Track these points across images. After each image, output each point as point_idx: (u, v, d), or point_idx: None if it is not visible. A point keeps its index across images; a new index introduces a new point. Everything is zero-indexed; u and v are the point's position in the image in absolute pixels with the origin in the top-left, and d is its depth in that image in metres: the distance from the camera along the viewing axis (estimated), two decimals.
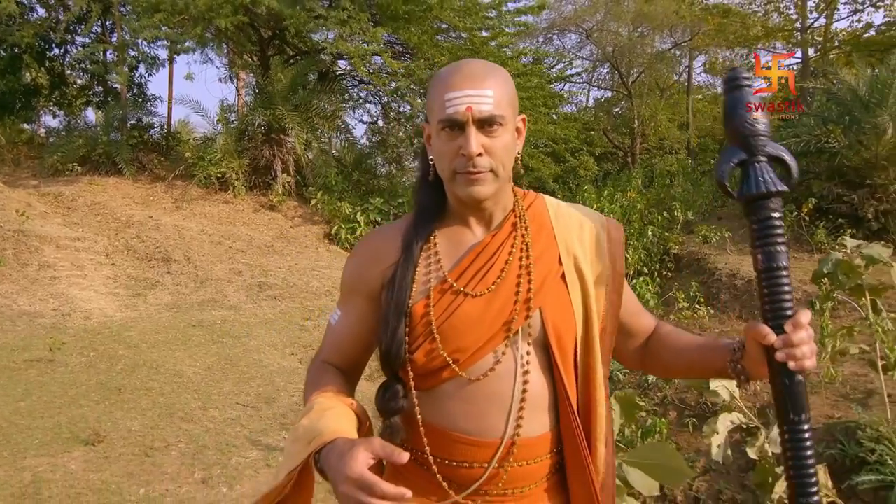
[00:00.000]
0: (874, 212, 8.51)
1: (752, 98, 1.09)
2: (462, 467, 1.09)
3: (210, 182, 9.68)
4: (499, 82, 1.08)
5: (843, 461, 3.87)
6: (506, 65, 10.54)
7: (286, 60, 11.85)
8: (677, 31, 19.50)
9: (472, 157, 1.05)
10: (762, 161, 1.08)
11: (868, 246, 4.20)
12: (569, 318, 1.14)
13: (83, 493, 2.67)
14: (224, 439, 3.30)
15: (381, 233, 1.22)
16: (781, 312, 1.04)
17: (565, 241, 1.17)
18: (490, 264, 1.12)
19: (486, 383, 1.09)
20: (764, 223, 1.07)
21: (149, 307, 6.15)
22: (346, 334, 1.19)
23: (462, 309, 1.09)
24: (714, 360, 1.16)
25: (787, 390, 1.03)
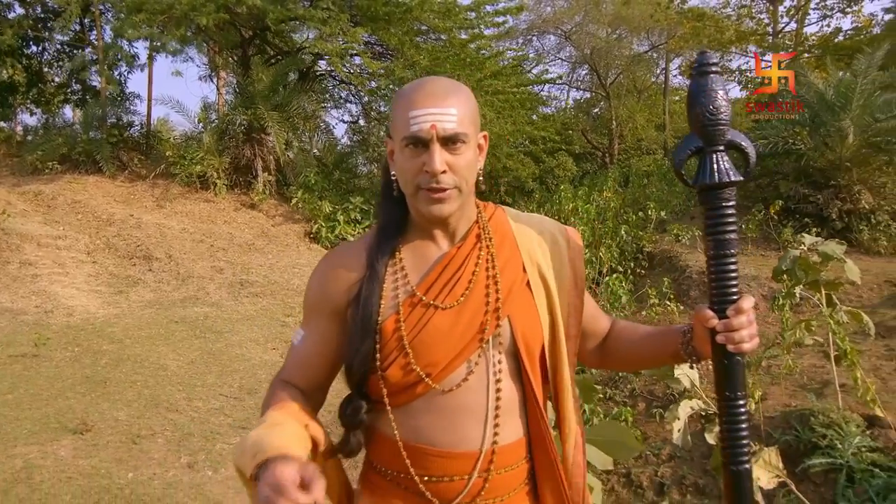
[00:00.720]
0: (838, 211, 8.82)
1: (718, 85, 1.08)
2: (442, 482, 1.08)
3: (191, 181, 9.75)
4: (461, 100, 1.09)
5: (797, 446, 4.11)
6: (484, 66, 10.73)
7: (267, 60, 11.92)
8: (654, 34, 19.83)
9: (437, 175, 1.05)
10: (719, 150, 1.09)
11: (824, 243, 4.47)
12: (535, 324, 1.16)
13: (74, 478, 2.80)
14: (208, 427, 3.45)
15: (343, 250, 1.21)
16: (726, 297, 1.08)
17: (527, 250, 1.19)
18: (458, 276, 1.12)
19: (459, 394, 1.09)
20: (716, 212, 1.09)
21: (131, 304, 6.24)
22: (311, 354, 1.17)
23: (433, 322, 1.09)
24: (667, 345, 1.21)
25: (725, 370, 1.09)
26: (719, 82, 1.09)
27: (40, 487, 2.73)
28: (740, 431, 1.11)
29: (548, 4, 20.36)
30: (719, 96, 1.06)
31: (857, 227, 8.68)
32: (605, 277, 7.47)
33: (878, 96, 8.94)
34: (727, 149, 1.09)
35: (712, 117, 1.06)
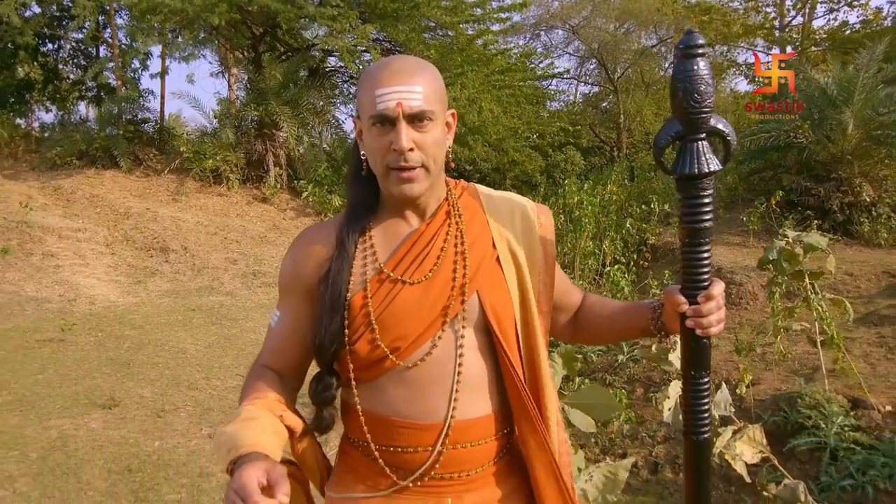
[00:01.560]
0: (839, 204, 8.94)
1: (704, 69, 1.02)
2: (406, 452, 1.10)
3: (205, 175, 10.02)
4: (427, 78, 1.09)
5: (784, 427, 4.31)
6: (492, 62, 10.92)
7: (278, 57, 12.15)
8: (662, 28, 19.84)
9: (404, 152, 1.06)
10: (700, 138, 1.06)
11: (807, 235, 4.68)
12: (506, 299, 1.16)
13: (105, 446, 3.05)
14: (227, 403, 3.69)
15: (315, 230, 1.21)
16: (697, 284, 1.09)
17: (497, 226, 1.20)
18: (426, 252, 1.13)
19: (425, 368, 1.09)
20: (692, 201, 1.08)
21: (149, 293, 6.50)
22: (285, 335, 1.18)
23: (400, 297, 1.10)
24: (638, 320, 1.23)
25: (691, 351, 1.14)
26: (705, 66, 1.02)
27: (75, 454, 2.98)
28: (702, 405, 1.14)
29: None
30: (704, 81, 1.00)
31: (858, 219, 8.79)
32: (607, 268, 7.65)
33: (880, 90, 9.03)
34: (708, 136, 1.07)
35: (696, 104, 1.02)
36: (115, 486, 2.70)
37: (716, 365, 5.52)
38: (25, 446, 3.04)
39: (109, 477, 2.78)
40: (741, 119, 15.81)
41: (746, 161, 10.86)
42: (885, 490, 3.68)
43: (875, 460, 3.83)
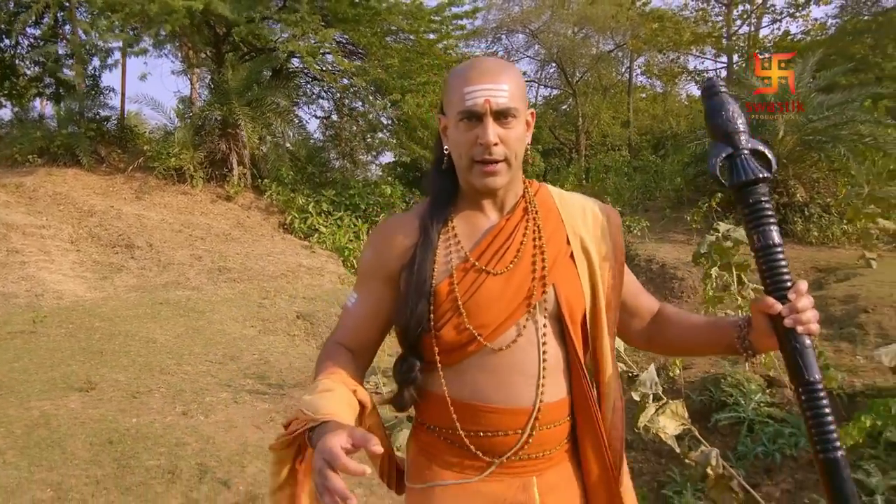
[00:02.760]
0: (775, 204, 9.52)
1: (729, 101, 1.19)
2: (496, 436, 1.14)
3: (168, 174, 10.14)
4: (512, 77, 1.14)
5: (710, 404, 4.78)
6: (451, 66, 11.27)
7: (241, 57, 12.28)
8: (618, 34, 20.44)
9: (490, 146, 1.11)
10: (745, 154, 1.17)
11: (736, 230, 5.21)
12: (578, 292, 1.20)
13: (86, 423, 3.30)
14: (198, 385, 3.96)
15: (396, 219, 1.26)
16: (782, 284, 1.10)
17: (571, 224, 1.24)
18: (507, 245, 1.18)
19: (510, 354, 1.14)
20: (755, 206, 1.14)
21: (116, 288, 6.68)
22: (363, 316, 1.23)
23: (485, 286, 1.15)
24: (721, 337, 1.21)
25: (798, 354, 1.08)
26: (729, 99, 1.19)
27: (58, 430, 3.23)
28: (826, 416, 1.07)
29: (515, 4, 20.90)
30: (732, 109, 1.19)
31: (792, 218, 9.41)
32: None
33: (813, 98, 9.67)
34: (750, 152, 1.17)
35: (733, 125, 1.17)
36: (98, 456, 2.97)
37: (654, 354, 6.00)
38: (10, 424, 3.28)
39: (92, 448, 3.04)
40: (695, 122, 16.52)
41: (692, 163, 11.46)
42: (791, 456, 4.18)
43: (784, 431, 4.33)
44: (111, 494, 2.66)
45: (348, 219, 10.15)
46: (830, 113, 9.39)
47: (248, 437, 3.26)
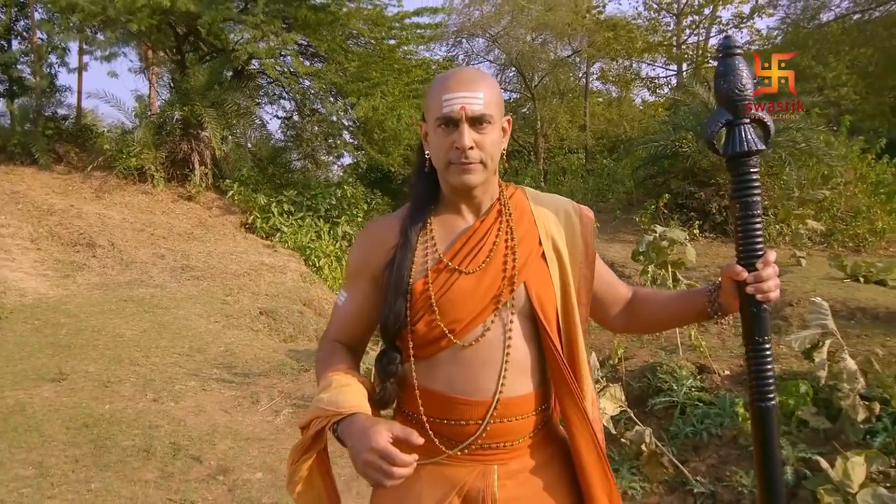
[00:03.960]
0: (717, 206, 10.10)
1: (742, 65, 1.18)
2: (458, 425, 1.21)
3: (129, 173, 10.17)
4: (488, 86, 1.22)
5: (647, 390, 5.19)
6: (411, 72, 11.58)
7: (202, 57, 12.33)
8: (575, 40, 20.98)
9: (465, 150, 1.18)
10: (746, 123, 1.19)
11: (671, 230, 5.66)
12: (549, 290, 1.26)
13: (61, 409, 3.49)
14: (167, 375, 4.17)
15: (380, 222, 1.35)
16: (753, 253, 1.18)
17: (544, 225, 1.30)
18: (480, 246, 1.24)
19: (477, 349, 1.20)
20: (742, 177, 1.19)
21: (79, 286, 6.77)
22: (352, 313, 1.31)
23: (457, 285, 1.21)
24: (694, 304, 1.30)
25: (753, 318, 1.19)
26: (743, 63, 1.19)
27: (34, 416, 3.41)
28: (767, 371, 1.18)
29: (476, 9, 21.25)
30: (745, 75, 1.18)
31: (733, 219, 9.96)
32: None
33: None
34: (752, 122, 1.20)
35: (740, 93, 1.18)
36: (76, 438, 3.18)
37: (600, 344, 6.42)
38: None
39: (68, 431, 3.24)
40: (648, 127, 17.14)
41: (642, 167, 11.98)
42: (717, 435, 4.60)
43: (711, 412, 4.76)
44: (90, 471, 2.88)
45: (309, 219, 10.34)
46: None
47: (217, 420, 3.50)
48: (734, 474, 4.16)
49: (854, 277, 6.92)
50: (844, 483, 3.44)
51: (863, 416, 4.01)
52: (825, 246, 9.43)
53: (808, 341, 4.26)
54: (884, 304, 5.93)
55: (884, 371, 4.36)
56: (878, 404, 4.05)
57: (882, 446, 3.87)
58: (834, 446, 3.96)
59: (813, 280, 6.94)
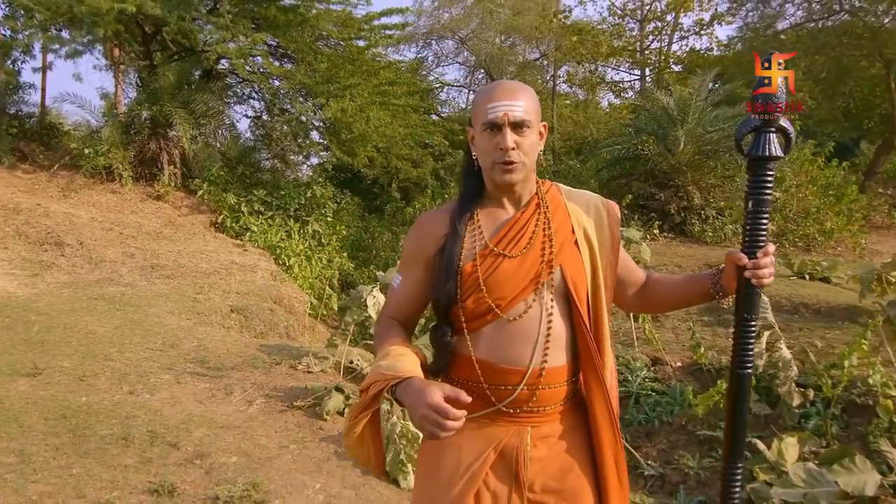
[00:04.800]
0: (676, 207, 10.48)
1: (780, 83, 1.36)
2: (501, 389, 1.40)
3: (96, 172, 10.14)
4: (527, 96, 1.40)
5: None
6: (379, 74, 11.73)
7: (170, 56, 12.30)
8: (542, 43, 21.36)
9: (507, 150, 1.36)
10: (771, 131, 1.36)
11: (627, 230, 5.96)
12: (581, 273, 1.44)
13: (38, 401, 3.60)
14: (141, 369, 4.29)
15: (432, 215, 1.52)
16: (756, 243, 1.38)
17: (576, 216, 1.48)
18: (521, 234, 1.43)
19: (520, 324, 1.39)
20: (759, 178, 1.37)
21: (48, 285, 6.80)
22: (406, 293, 1.51)
23: (502, 267, 1.40)
24: (699, 286, 1.50)
25: (747, 298, 1.40)
26: (782, 80, 1.37)
27: (12, 408, 3.51)
28: (749, 344, 1.41)
29: (445, 11, 21.49)
30: (781, 91, 1.36)
31: (691, 220, 10.34)
32: None
33: (710, 111, 10.66)
34: (776, 130, 1.38)
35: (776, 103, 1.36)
36: (55, 428, 3.30)
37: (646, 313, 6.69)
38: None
39: (47, 422, 3.36)
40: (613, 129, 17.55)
41: (605, 168, 12.33)
42: (667, 422, 4.89)
43: (663, 401, 5.05)
44: (70, 458, 3.01)
45: (279, 218, 10.43)
46: (725, 125, 10.37)
47: (193, 410, 3.65)
48: (682, 458, 4.44)
49: (800, 275, 7.32)
50: (779, 462, 3.74)
51: (798, 402, 4.34)
52: (778, 245, 9.87)
53: None
54: (825, 299, 6.32)
55: (819, 361, 4.70)
56: (812, 391, 4.38)
57: (815, 429, 4.20)
58: (772, 430, 4.28)
59: None
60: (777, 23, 14.71)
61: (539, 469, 1.41)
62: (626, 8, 18.08)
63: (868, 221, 11.60)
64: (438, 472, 1.42)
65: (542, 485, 1.41)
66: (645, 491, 4.21)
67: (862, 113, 15.43)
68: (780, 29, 14.95)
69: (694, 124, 10.29)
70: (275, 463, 3.08)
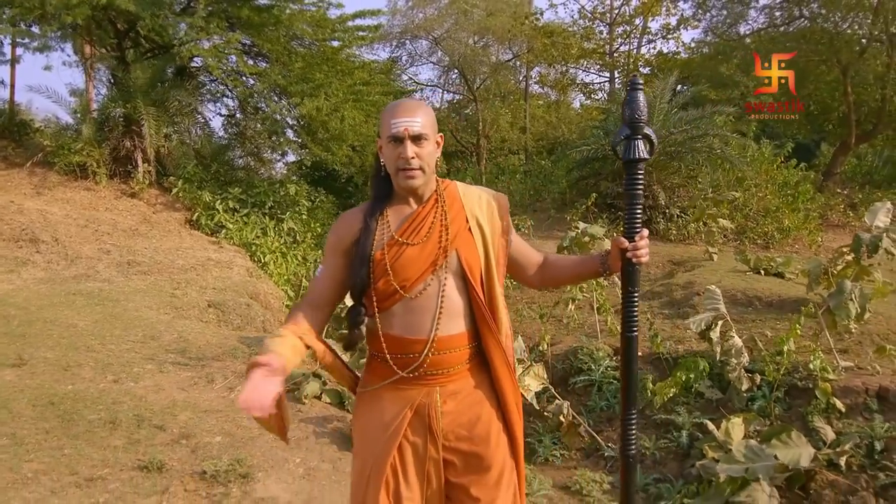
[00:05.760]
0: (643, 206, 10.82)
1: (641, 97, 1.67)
2: (409, 357, 1.66)
3: (70, 170, 10.16)
4: (424, 113, 1.66)
5: (570, 371, 5.73)
6: (353, 74, 11.89)
7: (143, 54, 12.31)
8: (515, 45, 21.64)
9: (408, 160, 1.62)
10: (639, 139, 1.68)
11: (591, 227, 6.24)
12: (475, 255, 1.71)
13: (25, 390, 3.74)
14: (124, 360, 4.44)
15: (350, 213, 1.78)
16: (634, 230, 1.69)
17: (470, 208, 1.75)
18: (421, 225, 1.69)
19: (420, 300, 1.65)
20: (633, 177, 1.70)
21: (25, 281, 6.86)
22: (326, 280, 1.74)
23: (405, 254, 1.65)
24: (591, 265, 1.82)
25: (629, 273, 1.72)
26: (641, 95, 1.69)
27: (0, 396, 3.66)
28: (634, 311, 1.73)
29: (419, 11, 21.64)
30: (642, 105, 1.69)
31: (656, 218, 10.68)
32: None
33: (674, 113, 11.02)
34: (642, 137, 1.70)
35: (639, 118, 1.69)
36: (44, 413, 3.45)
37: (531, 332, 6.95)
38: None
39: (36, 408, 3.51)
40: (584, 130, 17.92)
41: (575, 169, 12.64)
42: None
43: None
44: (61, 440, 3.17)
45: (255, 216, 10.55)
46: (688, 127, 10.74)
47: (176, 396, 3.82)
48: (639, 440, 4.73)
49: (756, 270, 7.70)
50: (726, 441, 4.05)
51: (746, 386, 4.66)
52: (738, 243, 10.26)
53: (703, 323, 4.89)
54: (777, 293, 6.68)
55: (766, 349, 5.03)
56: (759, 376, 4.71)
57: (760, 410, 4.53)
58: (722, 413, 4.59)
59: (720, 273, 7.67)
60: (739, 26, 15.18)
61: (450, 421, 1.68)
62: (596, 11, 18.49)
63: (825, 220, 12.04)
64: (367, 429, 1.71)
65: (455, 434, 1.69)
66: (605, 470, 4.50)
67: (821, 116, 15.97)
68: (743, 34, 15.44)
69: (658, 126, 10.64)
70: (257, 442, 3.28)
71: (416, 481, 1.64)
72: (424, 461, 1.66)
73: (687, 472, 4.18)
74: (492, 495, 1.66)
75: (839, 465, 3.71)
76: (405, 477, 1.63)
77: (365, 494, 1.65)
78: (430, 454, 1.66)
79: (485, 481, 1.67)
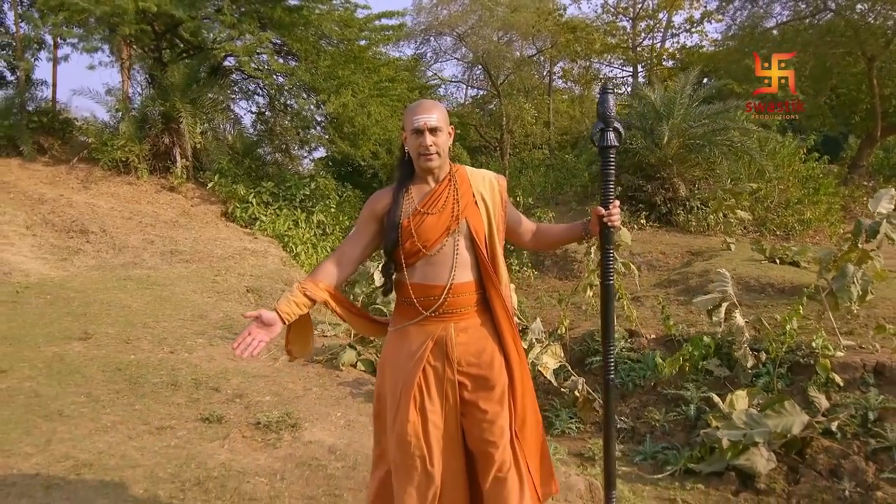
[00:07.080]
0: (662, 199, 11.02)
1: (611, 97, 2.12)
2: (430, 300, 2.06)
3: (114, 165, 10.72)
4: (439, 111, 2.06)
5: (587, 352, 6.06)
6: (379, 71, 12.28)
7: (179, 54, 12.84)
8: (539, 40, 21.80)
9: (427, 147, 2.02)
10: (610, 130, 2.11)
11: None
12: (480, 223, 2.12)
13: (94, 358, 4.19)
14: (177, 335, 4.88)
15: (382, 191, 2.18)
16: (608, 200, 2.10)
17: (476, 186, 2.16)
18: (438, 199, 2.09)
19: (439, 257, 2.05)
20: (606, 160, 2.12)
21: (78, 268, 7.39)
22: (357, 243, 2.13)
23: (426, 221, 2.05)
24: (575, 230, 2.24)
25: (605, 235, 2.13)
26: (612, 96, 2.15)
27: (72, 363, 4.11)
28: (610, 265, 2.18)
29: (444, 8, 21.92)
30: (611, 104, 2.13)
31: (676, 211, 10.88)
32: None
33: (695, 107, 11.19)
34: (613, 129, 2.12)
35: (609, 114, 2.12)
36: (113, 378, 3.90)
37: (551, 318, 7.29)
38: (31, 360, 4.13)
39: (105, 373, 3.96)
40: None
41: (596, 162, 12.85)
42: (640, 385, 5.48)
43: (636, 367, 5.66)
44: (131, 398, 3.61)
45: (286, 209, 11.01)
46: (708, 121, 10.91)
47: (227, 365, 4.24)
48: (650, 413, 5.06)
49: (772, 259, 7.92)
50: (730, 412, 4.36)
51: (751, 363, 4.96)
52: (758, 234, 10.43)
53: (709, 303, 5.18)
54: (790, 280, 6.92)
55: (773, 330, 5.31)
56: (764, 354, 4.99)
57: (764, 385, 4.82)
58: (729, 388, 4.89)
59: (736, 261, 7.91)
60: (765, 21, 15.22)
61: (462, 350, 2.07)
62: (619, 6, 18.62)
63: (848, 212, 12.10)
64: (396, 356, 2.10)
65: (465, 360, 2.08)
66: (617, 441, 4.83)
67: (847, 108, 15.93)
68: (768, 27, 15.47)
69: (679, 120, 10.82)
70: (302, 400, 3.69)
71: (437, 397, 2.05)
72: (443, 381, 2.05)
73: (693, 440, 4.50)
74: (496, 409, 2.07)
75: (834, 432, 4.00)
76: (428, 393, 2.04)
77: (398, 407, 2.04)
78: (447, 376, 2.06)
79: (490, 397, 2.07)
